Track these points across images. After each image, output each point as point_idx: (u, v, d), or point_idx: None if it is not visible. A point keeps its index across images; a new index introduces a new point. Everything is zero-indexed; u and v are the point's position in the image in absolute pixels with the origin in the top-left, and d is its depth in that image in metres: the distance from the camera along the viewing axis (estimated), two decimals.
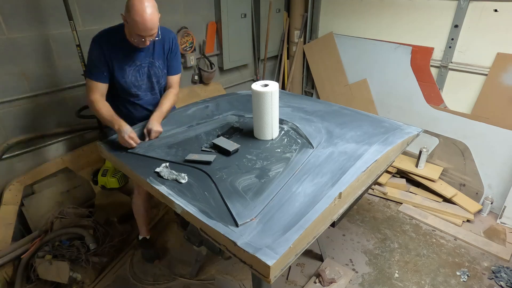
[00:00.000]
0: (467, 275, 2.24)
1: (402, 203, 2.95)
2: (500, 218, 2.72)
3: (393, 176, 3.19)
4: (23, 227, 2.31)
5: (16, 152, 2.20)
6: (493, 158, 2.71)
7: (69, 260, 2.09)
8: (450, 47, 2.77)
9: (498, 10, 2.46)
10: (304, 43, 3.85)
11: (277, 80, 4.15)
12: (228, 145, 1.68)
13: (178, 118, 2.03)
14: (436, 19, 2.80)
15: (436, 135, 3.02)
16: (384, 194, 3.02)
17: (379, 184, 3.10)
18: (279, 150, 1.70)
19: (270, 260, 1.04)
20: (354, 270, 2.29)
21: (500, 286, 2.17)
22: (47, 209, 2.35)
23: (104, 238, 2.29)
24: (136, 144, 1.69)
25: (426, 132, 3.04)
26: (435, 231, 2.66)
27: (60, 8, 2.04)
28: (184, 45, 2.95)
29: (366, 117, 2.11)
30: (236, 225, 1.20)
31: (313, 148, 1.70)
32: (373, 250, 2.46)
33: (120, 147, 1.72)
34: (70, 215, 2.31)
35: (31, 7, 2.04)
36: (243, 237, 1.14)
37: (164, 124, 1.93)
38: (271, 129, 1.77)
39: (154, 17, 1.57)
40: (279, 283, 2.18)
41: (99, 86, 1.73)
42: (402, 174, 3.18)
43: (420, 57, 2.97)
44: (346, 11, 3.41)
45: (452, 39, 2.74)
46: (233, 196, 1.36)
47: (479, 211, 2.81)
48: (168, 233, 2.60)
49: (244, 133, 1.88)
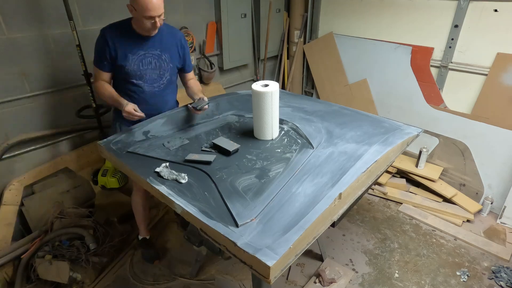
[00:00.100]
0: (467, 275, 2.24)
1: (402, 203, 2.95)
2: (500, 218, 2.72)
3: (393, 176, 3.19)
4: (23, 227, 2.32)
5: (16, 152, 2.20)
6: (493, 158, 2.71)
7: (69, 260, 2.09)
8: (450, 47, 2.77)
9: (498, 10, 2.46)
10: (304, 43, 3.85)
11: (277, 80, 4.15)
12: (228, 145, 1.68)
13: (178, 118, 2.03)
14: (436, 19, 2.80)
15: (436, 135, 3.02)
16: (384, 194, 3.02)
17: (379, 184, 3.10)
18: (279, 150, 1.70)
19: (270, 260, 1.04)
20: (354, 270, 2.29)
21: (500, 286, 2.17)
22: (47, 209, 2.35)
23: (104, 238, 2.29)
24: (141, 115, 1.76)
25: (426, 132, 3.04)
26: (435, 231, 2.66)
27: (60, 8, 2.04)
28: None
29: (366, 117, 2.11)
30: (236, 225, 1.20)
31: (313, 148, 1.70)
32: (373, 250, 2.46)
33: (120, 147, 1.72)
34: (70, 215, 2.30)
35: (31, 7, 2.04)
36: (243, 237, 1.14)
37: (165, 124, 1.93)
38: (271, 129, 1.77)
39: None
40: (279, 283, 2.18)
41: (101, 73, 1.89)
42: (402, 174, 3.18)
43: (420, 57, 2.97)
44: (346, 11, 3.41)
45: (452, 39, 2.74)
46: (233, 196, 1.36)
47: (479, 211, 2.81)
48: (168, 233, 2.60)
49: (244, 133, 1.88)
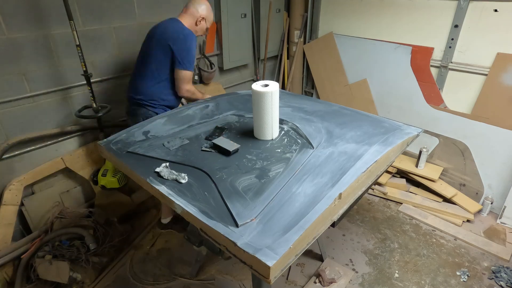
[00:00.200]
0: (467, 275, 2.24)
1: (402, 203, 2.95)
2: (500, 218, 2.72)
3: (393, 176, 3.19)
4: (23, 227, 2.32)
5: (16, 152, 2.20)
6: (493, 158, 2.71)
7: (69, 260, 2.10)
8: (450, 47, 2.77)
9: (498, 10, 2.46)
10: (304, 43, 3.85)
11: (277, 80, 4.15)
12: (228, 145, 1.68)
13: (178, 118, 2.03)
14: (436, 19, 2.80)
15: (436, 135, 3.02)
16: (384, 194, 3.02)
17: (379, 184, 3.10)
18: (279, 150, 1.69)
19: (270, 260, 1.04)
20: (354, 270, 2.29)
21: (500, 286, 2.17)
22: (47, 209, 2.35)
23: (104, 238, 2.29)
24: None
25: (426, 132, 3.04)
26: (435, 231, 2.66)
27: (60, 8, 2.04)
28: None
29: (366, 117, 2.11)
30: (236, 225, 1.20)
31: (313, 148, 1.70)
32: (373, 250, 2.46)
33: (120, 147, 1.73)
34: (70, 215, 2.31)
35: (31, 7, 2.04)
36: (243, 237, 1.14)
37: (165, 124, 1.93)
38: (271, 129, 1.77)
39: None
40: (279, 283, 2.18)
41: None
42: (402, 174, 3.18)
43: (420, 57, 2.97)
44: (346, 11, 3.41)
45: (452, 39, 2.74)
46: (233, 196, 1.35)
47: (479, 211, 2.81)
48: (168, 233, 2.60)
49: (244, 133, 1.88)
